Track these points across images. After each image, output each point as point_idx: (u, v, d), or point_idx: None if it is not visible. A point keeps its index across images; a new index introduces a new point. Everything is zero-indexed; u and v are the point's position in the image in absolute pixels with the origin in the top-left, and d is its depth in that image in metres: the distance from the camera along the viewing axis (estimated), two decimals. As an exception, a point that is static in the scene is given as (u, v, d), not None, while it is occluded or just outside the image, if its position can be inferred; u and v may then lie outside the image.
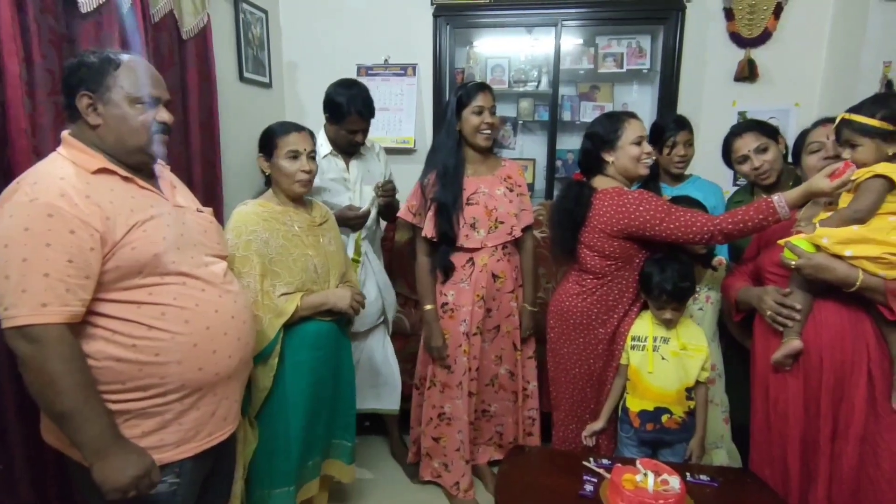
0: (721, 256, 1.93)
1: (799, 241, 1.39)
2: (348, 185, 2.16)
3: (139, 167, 1.20)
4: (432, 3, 2.86)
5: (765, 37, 2.78)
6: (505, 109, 3.07)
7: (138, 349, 1.08)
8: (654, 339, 1.66)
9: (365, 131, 2.15)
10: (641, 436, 1.68)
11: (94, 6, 1.60)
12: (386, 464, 2.39)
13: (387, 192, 2.21)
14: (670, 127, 2.05)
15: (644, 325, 1.70)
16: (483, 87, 1.98)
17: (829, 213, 1.40)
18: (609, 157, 1.75)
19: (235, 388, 1.27)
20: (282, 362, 1.62)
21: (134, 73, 1.17)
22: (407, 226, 2.14)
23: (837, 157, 1.47)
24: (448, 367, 2.02)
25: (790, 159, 1.82)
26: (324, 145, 2.15)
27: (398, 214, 2.12)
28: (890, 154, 1.34)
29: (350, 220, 2.07)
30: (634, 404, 1.68)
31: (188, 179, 2.08)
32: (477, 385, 2.04)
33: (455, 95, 1.98)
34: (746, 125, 1.90)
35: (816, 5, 2.71)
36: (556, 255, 1.92)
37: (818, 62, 2.77)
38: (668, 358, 1.63)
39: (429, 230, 1.98)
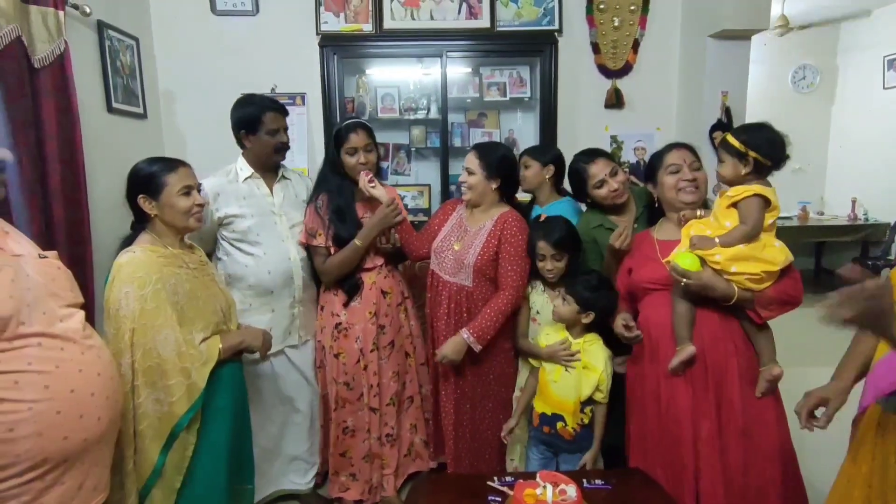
0: None
1: (686, 257, 1.51)
2: (273, 207, 2.09)
3: None
4: (318, 33, 2.86)
5: (627, 69, 3.09)
6: (397, 137, 3.13)
7: None
8: None
9: (286, 129, 2.09)
10: (539, 436, 1.79)
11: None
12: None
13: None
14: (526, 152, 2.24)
15: (556, 336, 1.80)
16: (355, 127, 2.05)
17: (703, 226, 1.56)
18: None
19: (106, 454, 1.15)
20: (202, 413, 1.51)
21: None
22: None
23: (693, 180, 1.68)
24: (347, 384, 2.08)
25: (643, 179, 2.02)
26: (244, 169, 2.07)
27: (299, 241, 2.11)
28: (743, 174, 1.52)
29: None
30: (538, 405, 1.80)
31: (46, 220, 1.88)
32: (379, 402, 2.11)
33: (334, 132, 2.09)
34: (591, 153, 2.02)
35: (666, 43, 3.07)
36: None
37: (672, 91, 3.12)
38: (571, 371, 1.74)
39: (330, 250, 2.07)
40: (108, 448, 1.16)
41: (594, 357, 1.75)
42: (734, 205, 1.53)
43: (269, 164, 2.10)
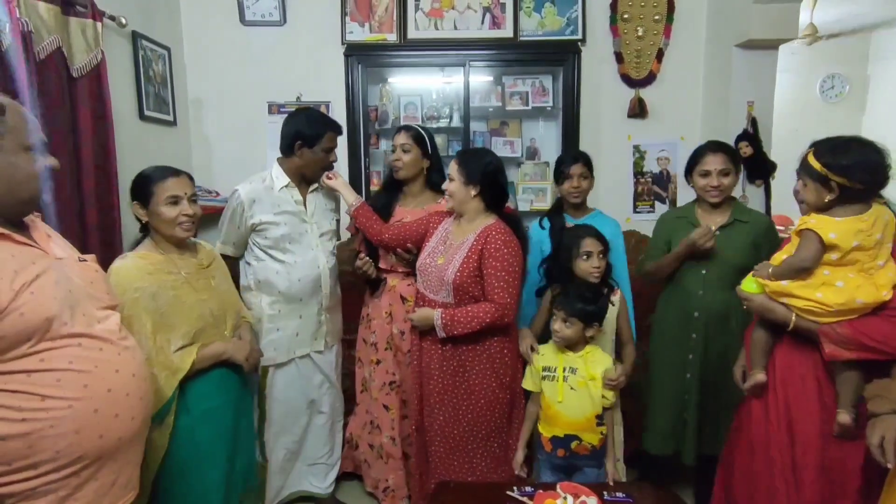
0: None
1: (748, 280, 1.50)
2: (304, 216, 2.13)
3: (15, 219, 1.10)
4: (343, 43, 2.90)
5: (651, 78, 3.07)
6: (420, 145, 3.15)
7: (29, 423, 0.98)
8: (564, 370, 1.72)
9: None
10: (553, 461, 1.74)
11: (-32, 44, 1.49)
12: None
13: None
14: (567, 161, 2.21)
15: (552, 356, 1.77)
16: (399, 128, 2.22)
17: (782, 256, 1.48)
18: None
19: (137, 452, 1.19)
20: (189, 414, 1.53)
21: (21, 118, 1.07)
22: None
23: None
24: (370, 372, 2.22)
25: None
26: (279, 178, 2.11)
27: (346, 227, 2.32)
28: (826, 200, 1.35)
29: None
30: (546, 430, 1.74)
31: (81, 225, 1.94)
32: (391, 401, 2.18)
33: None
34: (722, 146, 2.01)
35: (691, 52, 3.04)
36: None
37: (697, 100, 3.09)
38: (576, 388, 1.70)
39: (356, 244, 2.26)
40: (140, 446, 1.20)
41: (598, 366, 1.72)
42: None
43: (310, 178, 2.16)
